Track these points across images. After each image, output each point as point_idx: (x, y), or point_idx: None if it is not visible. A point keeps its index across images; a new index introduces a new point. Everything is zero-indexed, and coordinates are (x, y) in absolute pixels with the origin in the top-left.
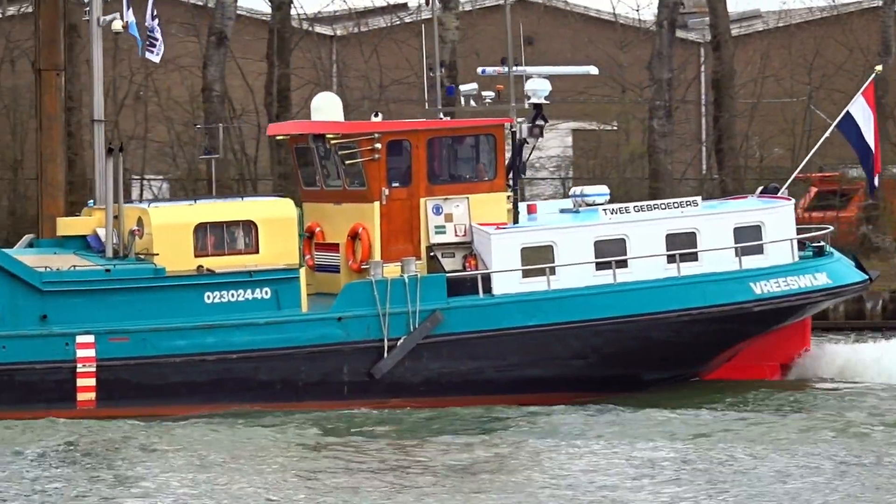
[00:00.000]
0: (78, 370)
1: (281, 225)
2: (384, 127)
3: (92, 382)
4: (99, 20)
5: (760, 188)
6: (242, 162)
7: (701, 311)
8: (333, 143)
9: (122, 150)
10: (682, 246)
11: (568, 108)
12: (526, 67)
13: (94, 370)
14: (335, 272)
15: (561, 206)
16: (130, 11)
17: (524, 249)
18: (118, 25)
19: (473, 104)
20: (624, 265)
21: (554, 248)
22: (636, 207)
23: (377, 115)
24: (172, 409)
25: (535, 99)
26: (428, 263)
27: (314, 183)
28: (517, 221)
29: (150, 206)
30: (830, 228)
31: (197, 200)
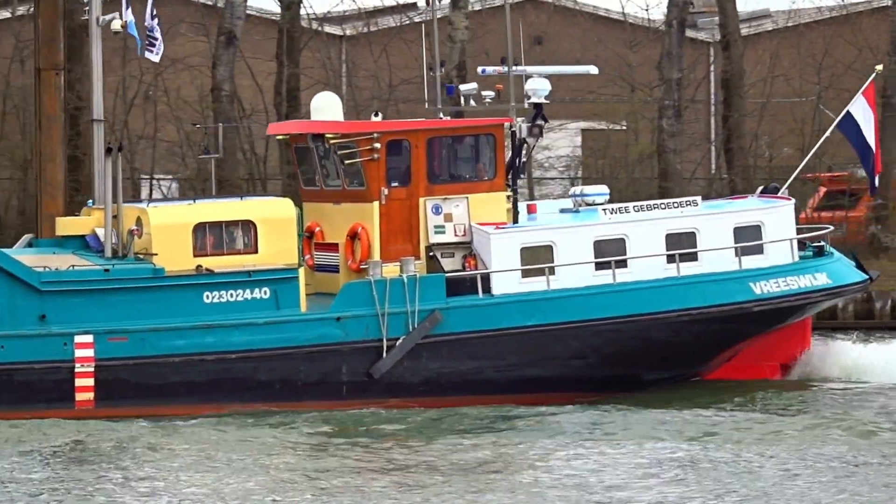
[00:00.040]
0: (76, 370)
1: (280, 225)
2: (383, 127)
3: (90, 382)
4: (98, 20)
5: (761, 188)
6: (252, 162)
7: (701, 311)
8: (333, 142)
9: (120, 149)
10: (681, 246)
11: (577, 107)
12: (526, 67)
13: (92, 370)
14: (335, 272)
15: (561, 205)
16: (129, 11)
17: (523, 249)
18: (117, 25)
19: (473, 104)
20: (623, 265)
21: (553, 247)
22: (636, 207)
23: (377, 114)
24: (171, 409)
25: (535, 98)
26: (427, 263)
27: (314, 183)
28: (517, 221)
29: (148, 205)
30: (831, 228)
31: (196, 200)
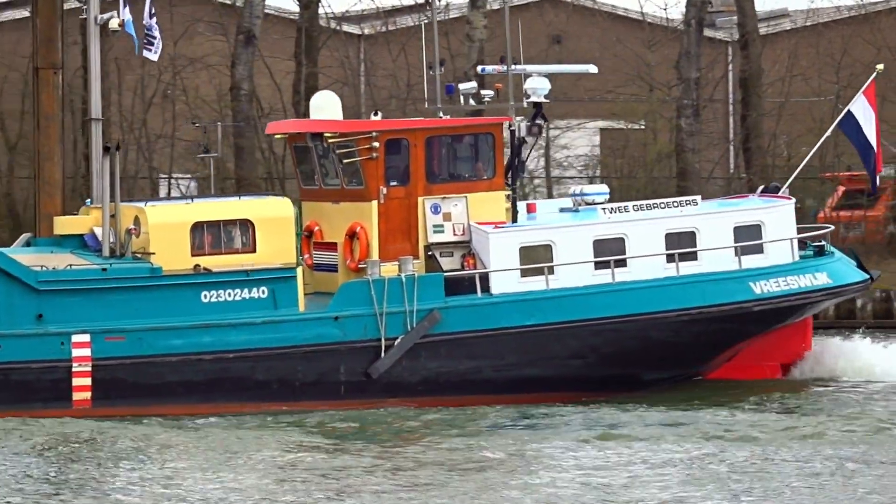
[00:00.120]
0: (74, 369)
1: (278, 224)
2: (382, 126)
3: (88, 382)
4: (96, 19)
5: (761, 187)
6: (270, 161)
7: (700, 310)
8: (331, 141)
9: (118, 148)
10: (681, 245)
11: (596, 107)
12: (526, 66)
13: (89, 369)
14: (333, 271)
15: (561, 205)
16: (127, 10)
17: (523, 248)
18: (114, 24)
19: (473, 103)
20: (623, 264)
21: (552, 247)
22: (635, 207)
23: (376, 113)
24: (169, 408)
25: (534, 98)
26: (426, 263)
27: (313, 182)
28: (516, 220)
29: (146, 205)
30: (831, 228)
31: (194, 199)
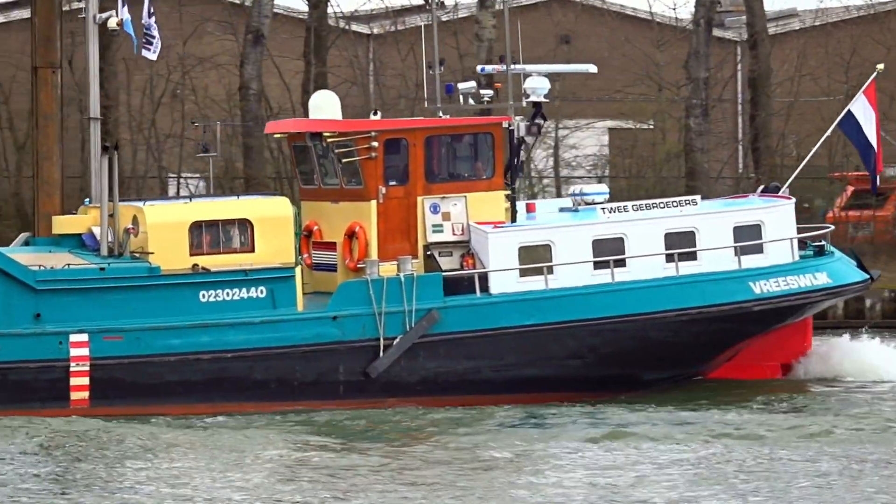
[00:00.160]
0: (71, 369)
1: (277, 224)
2: (381, 125)
3: (85, 381)
4: (95, 18)
5: (761, 187)
6: (279, 160)
7: (700, 310)
8: (330, 141)
9: (117, 148)
10: (680, 245)
11: (605, 106)
12: (525, 65)
13: (87, 369)
14: (333, 271)
15: (560, 204)
16: (125, 9)
17: (522, 248)
18: (113, 23)
19: (472, 102)
20: (622, 264)
21: (552, 246)
22: (634, 206)
23: (376, 113)
24: (167, 408)
25: (534, 97)
26: (425, 262)
27: (312, 181)
28: (515, 220)
29: (145, 204)
30: (831, 227)
31: (192, 199)
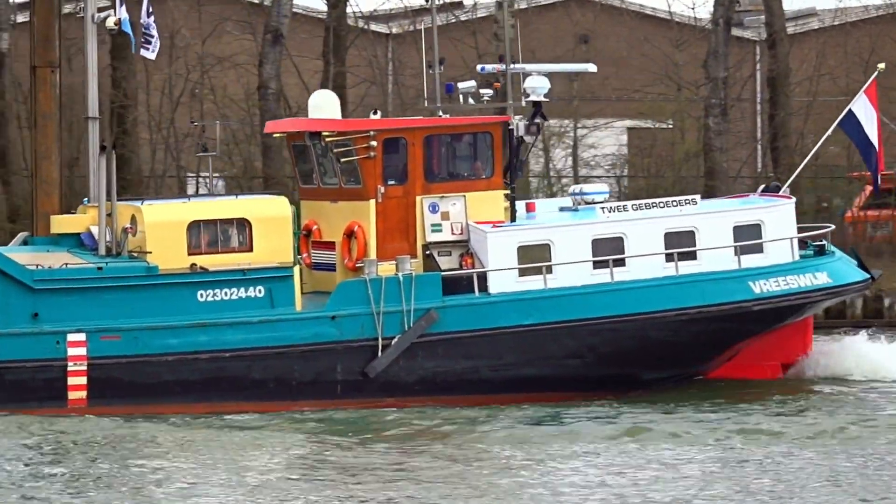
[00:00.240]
0: (69, 368)
1: (275, 223)
2: (380, 125)
3: (83, 381)
4: (93, 17)
5: (762, 186)
6: None
7: (699, 310)
8: (329, 140)
9: (115, 147)
10: (680, 245)
11: (623, 106)
12: (525, 65)
13: (85, 368)
14: (332, 270)
15: (560, 204)
16: (123, 8)
17: (521, 248)
18: (111, 23)
19: (472, 101)
20: (622, 264)
21: (551, 246)
22: (634, 206)
23: (375, 112)
24: (165, 408)
25: (533, 97)
26: (424, 262)
27: (311, 181)
28: (514, 220)
29: (143, 203)
30: (831, 227)
31: (191, 198)
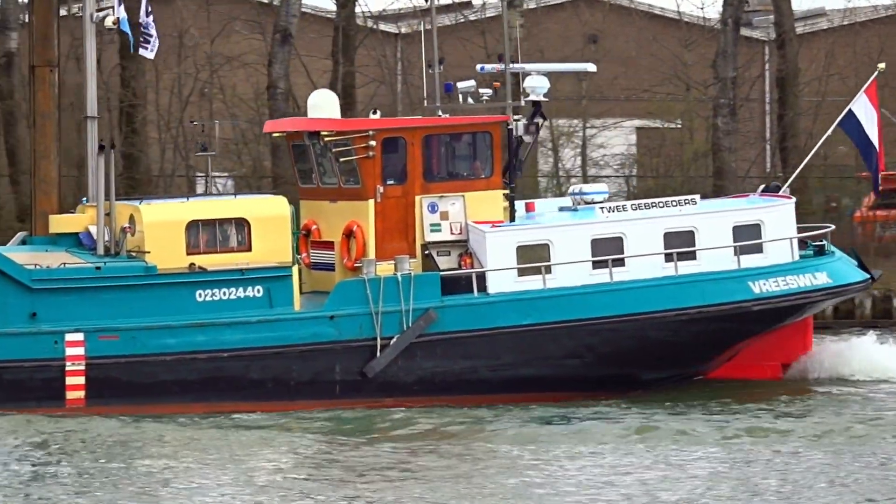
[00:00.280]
0: (67, 368)
1: (274, 223)
2: (379, 124)
3: (81, 381)
4: (92, 16)
5: (762, 186)
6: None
7: (699, 310)
8: (328, 140)
9: (113, 147)
10: (680, 245)
11: (632, 106)
12: (524, 64)
13: (83, 368)
14: (331, 270)
15: (560, 204)
16: (122, 7)
17: (520, 248)
18: (109, 22)
19: (471, 101)
20: (621, 264)
21: (550, 246)
22: (633, 206)
23: (375, 112)
24: (163, 407)
25: (533, 96)
26: (423, 262)
27: (311, 180)
28: (513, 220)
29: (141, 203)
30: (831, 227)
31: (189, 198)
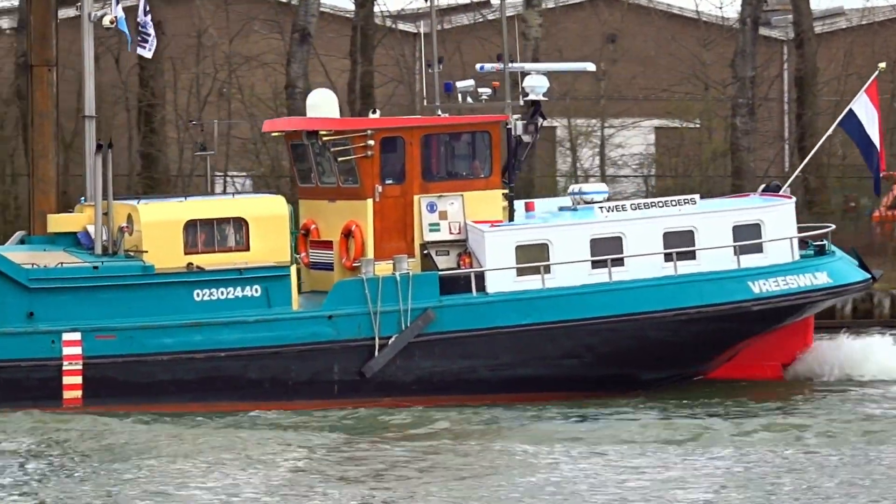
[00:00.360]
0: (64, 368)
1: (272, 222)
2: (377, 124)
3: (78, 380)
4: (90, 16)
5: (762, 186)
6: None
7: (698, 310)
8: (326, 139)
9: (111, 146)
10: (679, 244)
11: (651, 105)
12: (524, 64)
13: (80, 368)
14: (330, 270)
15: (560, 203)
16: (120, 7)
17: (519, 247)
18: (107, 21)
19: (470, 101)
20: (620, 264)
21: (549, 246)
22: (633, 205)
23: (374, 111)
24: (160, 407)
25: (532, 96)
26: (422, 261)
27: (310, 180)
28: (513, 219)
29: (139, 202)
30: (832, 227)
31: (187, 198)
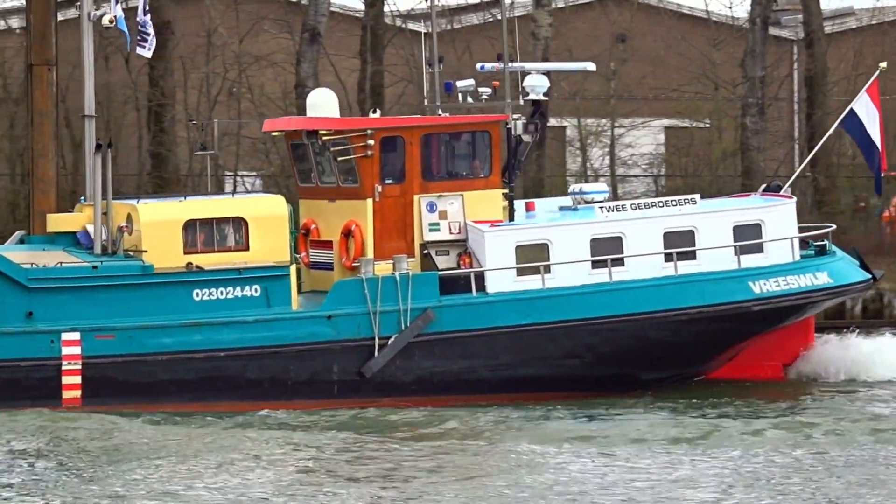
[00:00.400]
0: (63, 367)
1: (271, 222)
2: (377, 123)
3: (77, 380)
4: (90, 15)
5: (763, 186)
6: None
7: (699, 310)
8: (326, 139)
9: (110, 146)
10: (679, 244)
11: (661, 105)
12: (524, 63)
13: (79, 367)
14: (330, 270)
15: (561, 203)
16: (119, 6)
17: (519, 247)
18: (106, 20)
19: (471, 100)
20: (620, 264)
21: (549, 246)
22: (633, 205)
23: (375, 111)
24: (159, 407)
25: (532, 95)
26: (422, 261)
27: (309, 180)
28: (513, 219)
29: (139, 202)
30: (832, 227)
31: (186, 197)
